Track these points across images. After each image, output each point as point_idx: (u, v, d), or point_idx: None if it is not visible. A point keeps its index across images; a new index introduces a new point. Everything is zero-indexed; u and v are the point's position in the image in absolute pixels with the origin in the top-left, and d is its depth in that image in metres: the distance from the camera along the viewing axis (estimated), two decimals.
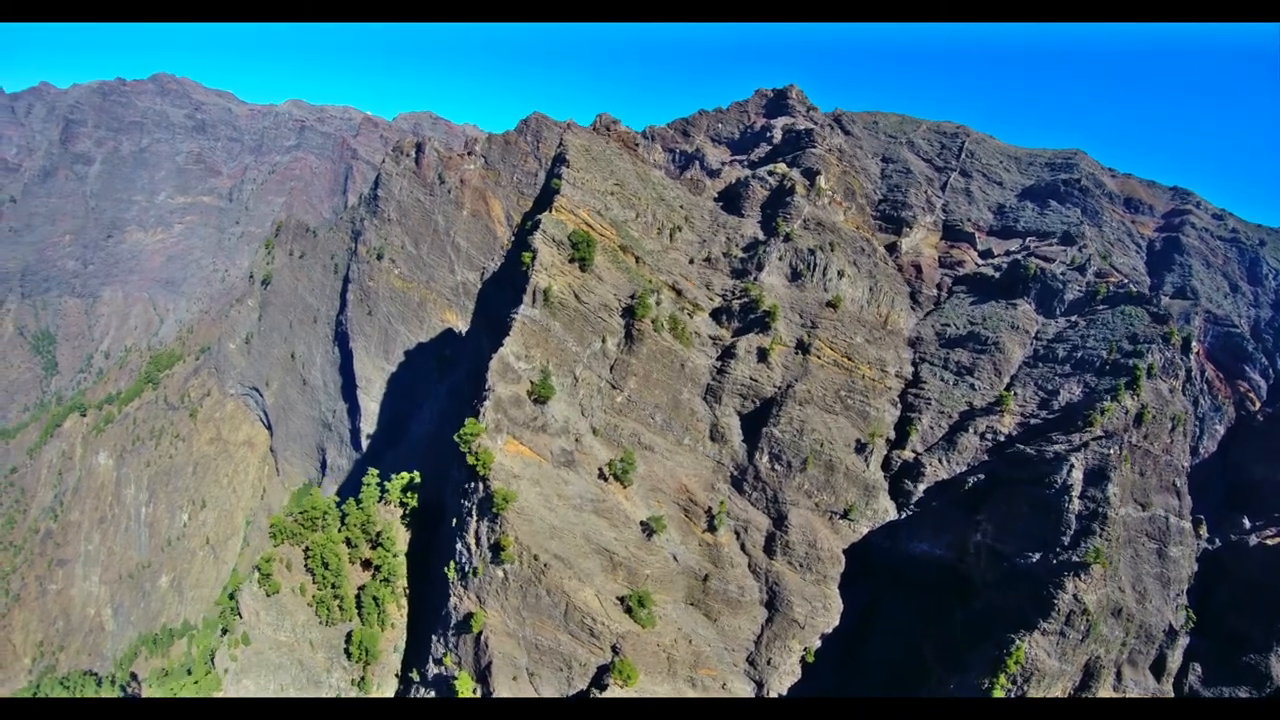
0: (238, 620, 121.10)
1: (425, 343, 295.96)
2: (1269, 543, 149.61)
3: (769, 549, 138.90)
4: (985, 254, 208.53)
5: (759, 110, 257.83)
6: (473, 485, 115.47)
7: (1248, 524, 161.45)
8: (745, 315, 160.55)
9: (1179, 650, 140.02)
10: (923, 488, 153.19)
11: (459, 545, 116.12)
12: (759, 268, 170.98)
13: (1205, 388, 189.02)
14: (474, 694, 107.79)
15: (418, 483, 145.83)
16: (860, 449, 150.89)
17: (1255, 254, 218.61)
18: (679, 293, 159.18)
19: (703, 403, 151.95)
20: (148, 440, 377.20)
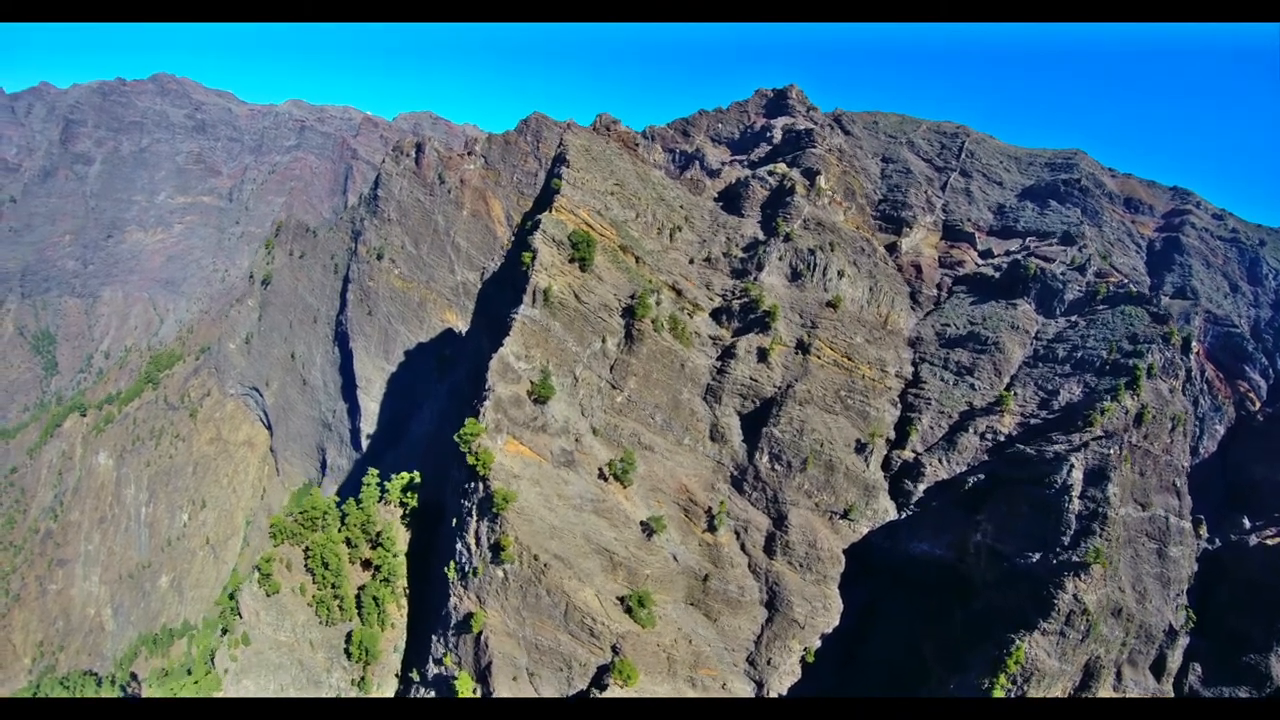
0: (238, 620, 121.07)
1: (425, 343, 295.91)
2: (1269, 543, 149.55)
3: (769, 549, 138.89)
4: (985, 254, 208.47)
5: (759, 110, 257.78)
6: (473, 485, 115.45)
7: (1248, 524, 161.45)
8: (745, 315, 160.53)
9: (1179, 650, 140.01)
10: (923, 488, 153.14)
11: (459, 545, 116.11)
12: (759, 268, 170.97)
13: (1205, 388, 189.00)
14: (474, 694, 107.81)
15: (418, 483, 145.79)
16: (860, 449, 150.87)
17: (1255, 254, 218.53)
18: (679, 293, 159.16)
19: (703, 403, 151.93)
20: (148, 440, 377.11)
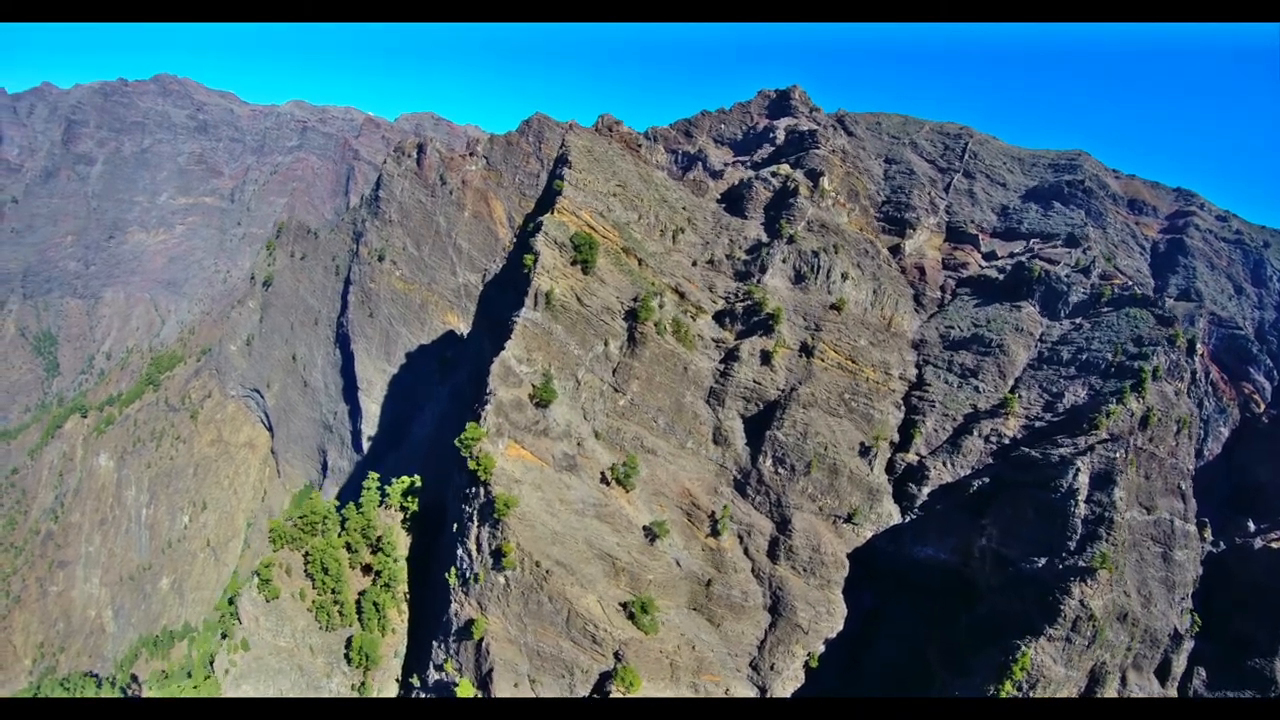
0: (237, 626, 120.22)
1: (427, 345, 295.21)
2: (1274, 545, 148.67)
3: (772, 553, 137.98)
4: (989, 256, 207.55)
5: (762, 111, 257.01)
6: (474, 490, 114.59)
7: (1252, 527, 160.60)
8: (748, 318, 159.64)
9: (1184, 654, 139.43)
10: (927, 491, 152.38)
11: (460, 551, 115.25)
12: (762, 270, 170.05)
13: (1210, 390, 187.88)
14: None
15: (418, 486, 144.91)
16: (864, 452, 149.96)
17: (1259, 255, 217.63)
18: (682, 295, 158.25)
19: (706, 406, 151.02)
20: (148, 442, 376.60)
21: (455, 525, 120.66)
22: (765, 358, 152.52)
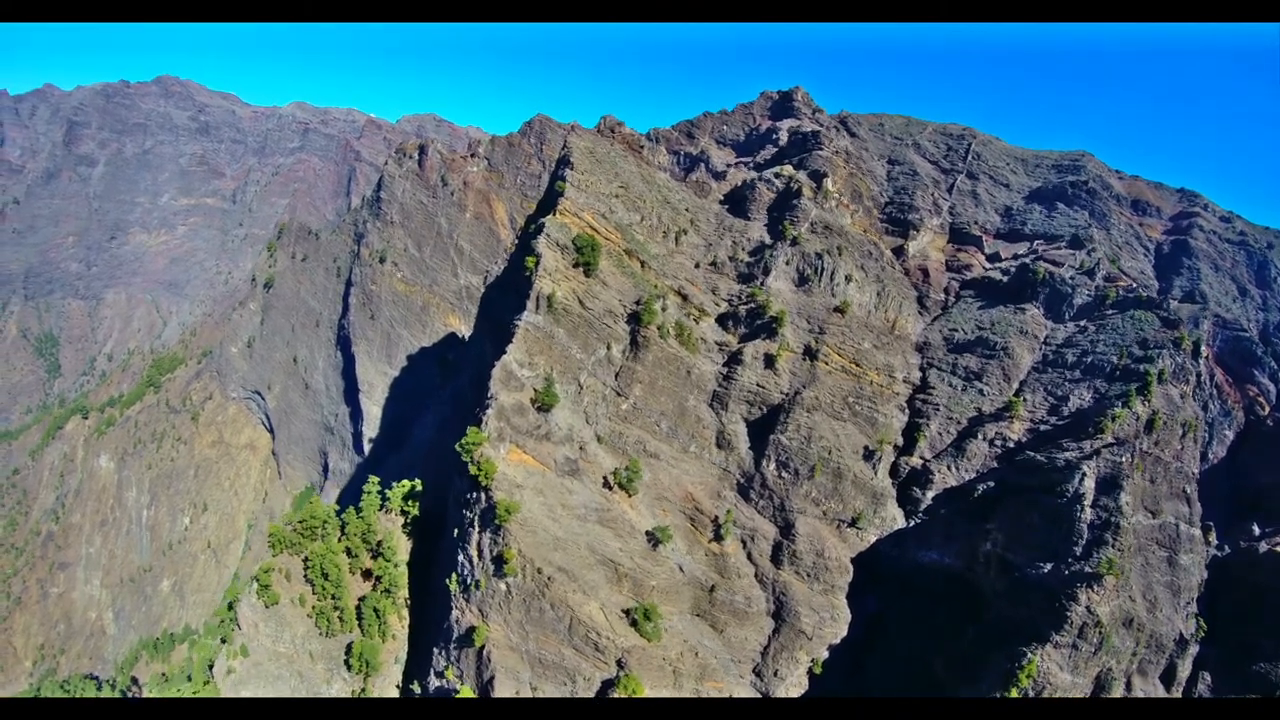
0: (236, 631, 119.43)
1: (428, 347, 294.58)
2: (1279, 549, 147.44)
3: (776, 558, 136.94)
4: (993, 257, 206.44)
5: (764, 112, 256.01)
6: (475, 495, 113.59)
7: (1257, 530, 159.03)
8: (752, 321, 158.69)
9: (1189, 659, 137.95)
10: (931, 495, 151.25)
11: (461, 557, 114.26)
12: (766, 272, 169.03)
13: (1214, 393, 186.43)
14: None
15: (419, 491, 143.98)
16: (868, 456, 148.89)
17: (1264, 257, 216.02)
18: (685, 298, 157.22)
19: (709, 410, 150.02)
20: (149, 443, 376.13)
21: (456, 531, 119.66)
22: (769, 361, 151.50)
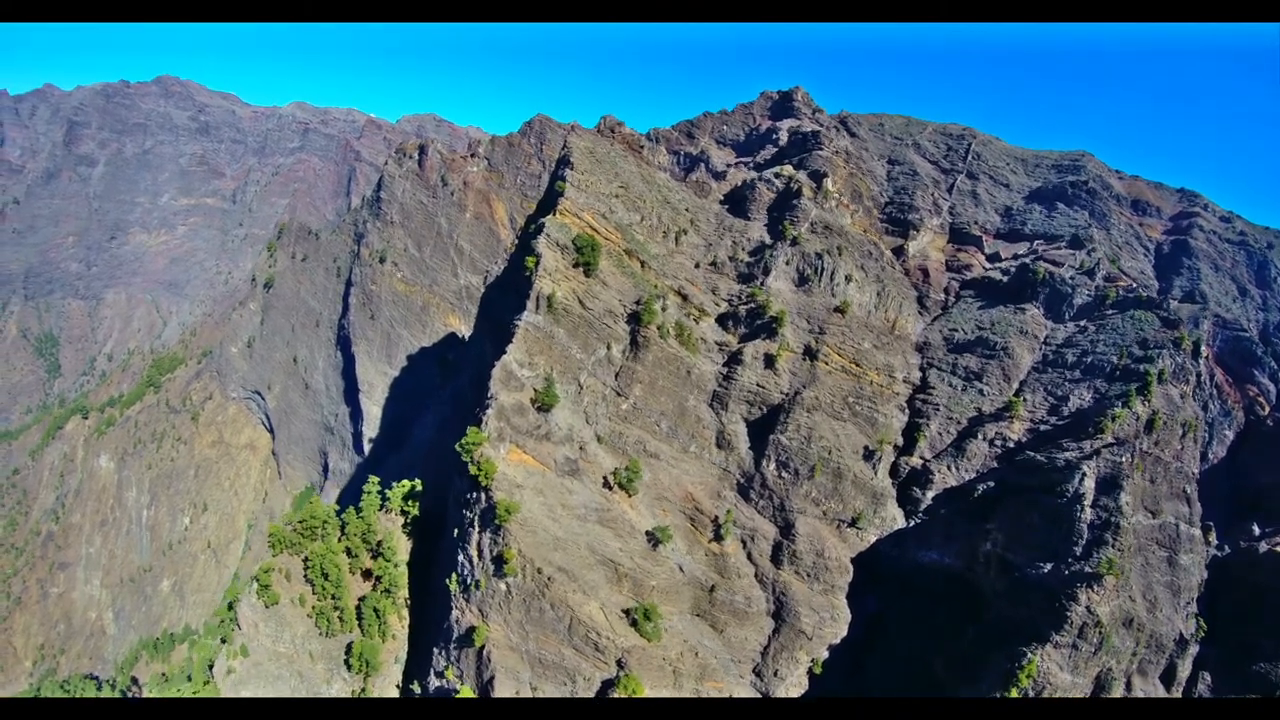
0: (236, 631, 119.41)
1: (428, 347, 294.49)
2: (1279, 549, 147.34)
3: (776, 558, 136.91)
4: (993, 257, 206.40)
5: (764, 112, 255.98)
6: (475, 495, 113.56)
7: (1257, 530, 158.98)
8: (752, 321, 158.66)
9: (1189, 659, 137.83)
10: (931, 495, 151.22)
11: (461, 557, 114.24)
12: (766, 272, 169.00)
13: (1214, 393, 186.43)
14: None
15: (419, 491, 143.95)
16: (868, 456, 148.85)
17: (1264, 257, 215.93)
18: (685, 298, 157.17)
19: (709, 410, 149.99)
20: (149, 443, 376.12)
21: (456, 531, 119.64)
22: (769, 361, 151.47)
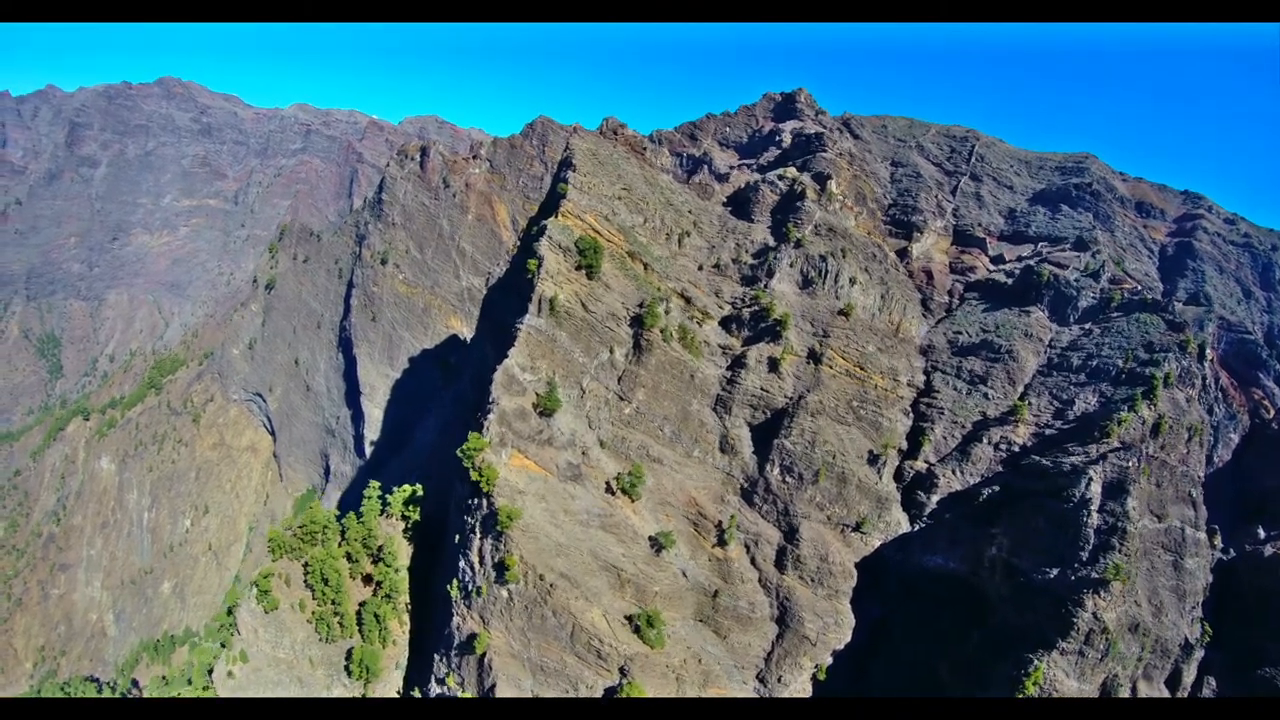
0: (236, 637, 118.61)
1: (430, 349, 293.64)
2: None
3: (780, 563, 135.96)
4: (997, 259, 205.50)
5: (767, 114, 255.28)
6: (476, 501, 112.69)
7: (1262, 534, 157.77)
8: (756, 324, 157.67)
9: (1194, 664, 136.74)
10: (936, 499, 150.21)
11: (462, 563, 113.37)
12: (769, 274, 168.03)
13: (1219, 396, 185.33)
14: None
15: (420, 495, 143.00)
16: (873, 460, 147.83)
17: (1268, 259, 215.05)
18: (688, 300, 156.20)
19: (712, 414, 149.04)
20: (150, 445, 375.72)
21: (457, 537, 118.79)
22: (773, 365, 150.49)
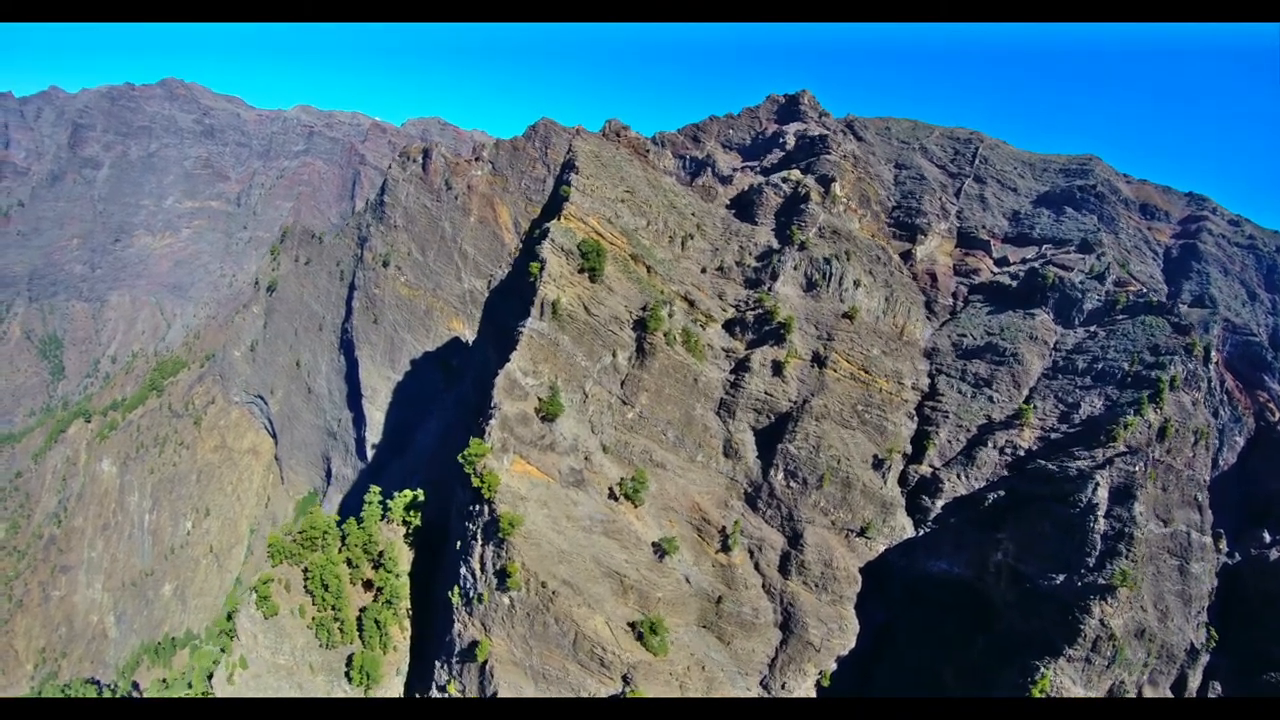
0: (235, 642, 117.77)
1: (431, 352, 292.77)
2: None
3: (784, 569, 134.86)
4: (1001, 262, 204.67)
5: (770, 116, 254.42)
6: (477, 508, 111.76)
7: (1268, 538, 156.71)
8: (759, 327, 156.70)
9: (1199, 669, 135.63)
10: (941, 504, 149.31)
11: (463, 570, 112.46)
12: (773, 277, 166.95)
13: (1225, 399, 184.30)
14: None
15: (421, 500, 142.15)
16: (877, 465, 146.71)
17: (1273, 260, 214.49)
18: (691, 304, 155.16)
19: (716, 418, 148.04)
20: (151, 447, 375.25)
21: (459, 543, 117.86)
22: (777, 368, 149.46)
